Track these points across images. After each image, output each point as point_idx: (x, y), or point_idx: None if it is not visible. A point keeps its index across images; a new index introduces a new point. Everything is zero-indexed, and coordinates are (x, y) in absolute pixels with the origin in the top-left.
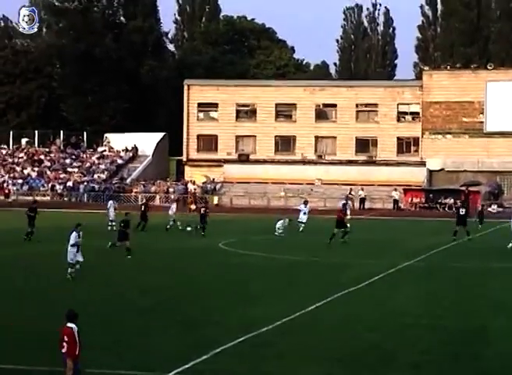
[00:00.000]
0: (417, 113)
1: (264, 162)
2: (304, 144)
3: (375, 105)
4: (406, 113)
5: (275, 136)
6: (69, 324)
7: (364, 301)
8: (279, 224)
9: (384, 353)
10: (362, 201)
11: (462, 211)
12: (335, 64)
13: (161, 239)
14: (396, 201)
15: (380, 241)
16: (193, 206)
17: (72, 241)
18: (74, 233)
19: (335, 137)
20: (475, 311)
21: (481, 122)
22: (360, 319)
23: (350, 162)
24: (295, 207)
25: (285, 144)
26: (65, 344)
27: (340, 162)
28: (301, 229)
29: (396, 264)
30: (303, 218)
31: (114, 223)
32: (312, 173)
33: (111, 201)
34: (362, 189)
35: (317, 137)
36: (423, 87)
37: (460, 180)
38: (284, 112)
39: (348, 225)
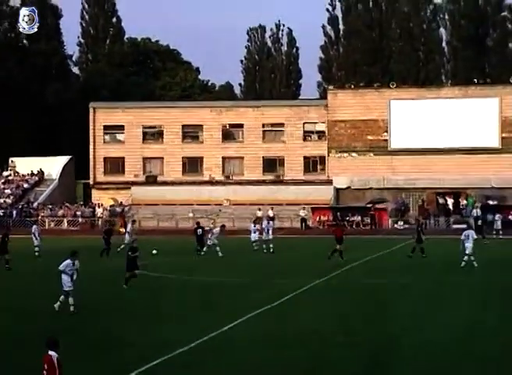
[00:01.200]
0: (323, 132)
1: (172, 183)
2: (212, 165)
3: (282, 124)
4: (312, 132)
5: (183, 157)
6: (50, 352)
7: (277, 320)
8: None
9: (300, 373)
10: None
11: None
12: (240, 85)
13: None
14: (304, 220)
15: (291, 259)
16: (122, 229)
17: (61, 268)
18: (68, 260)
19: (242, 158)
20: (388, 327)
21: (386, 140)
22: (274, 339)
23: (257, 182)
24: (206, 228)
25: (192, 165)
26: (45, 372)
27: (248, 182)
28: (256, 248)
29: (308, 282)
30: (254, 236)
31: (38, 249)
32: (220, 193)
33: (35, 226)
34: (272, 208)
35: (224, 158)
36: (328, 106)
37: (367, 197)
38: (191, 133)
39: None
